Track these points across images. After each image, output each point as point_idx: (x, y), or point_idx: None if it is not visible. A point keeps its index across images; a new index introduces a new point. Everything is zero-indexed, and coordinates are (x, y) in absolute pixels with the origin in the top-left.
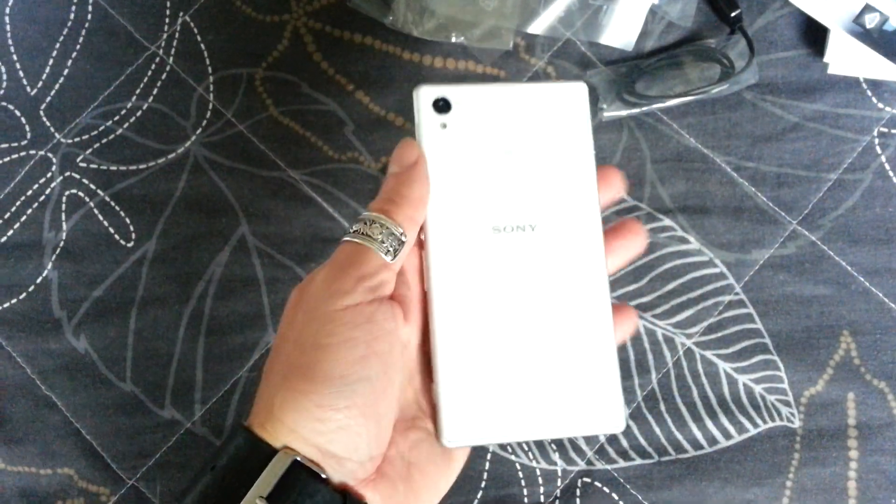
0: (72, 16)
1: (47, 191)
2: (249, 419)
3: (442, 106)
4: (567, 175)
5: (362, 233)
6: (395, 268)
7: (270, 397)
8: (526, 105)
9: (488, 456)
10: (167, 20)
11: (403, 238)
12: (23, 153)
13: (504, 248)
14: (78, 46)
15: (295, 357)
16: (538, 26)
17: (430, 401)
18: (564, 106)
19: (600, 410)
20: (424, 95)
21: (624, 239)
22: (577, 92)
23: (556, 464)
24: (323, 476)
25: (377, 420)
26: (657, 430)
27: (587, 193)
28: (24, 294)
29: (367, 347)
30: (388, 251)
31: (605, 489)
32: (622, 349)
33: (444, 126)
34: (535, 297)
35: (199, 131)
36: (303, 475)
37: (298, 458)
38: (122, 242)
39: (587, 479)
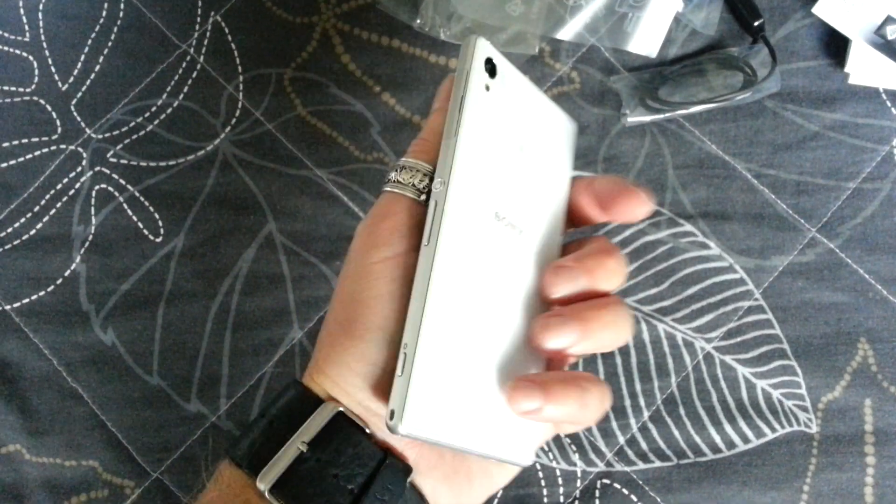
0: (104, 13)
1: (77, 185)
2: (305, 373)
3: (491, 68)
4: (551, 194)
5: (395, 180)
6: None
7: (318, 352)
8: (542, 114)
9: None
10: (199, 19)
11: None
12: (53, 147)
13: (497, 238)
14: (110, 43)
15: (339, 312)
16: (564, 32)
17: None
18: (563, 133)
19: (521, 438)
20: (481, 48)
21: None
22: (572, 127)
23: (575, 465)
24: (367, 430)
25: None
26: (676, 433)
27: (559, 217)
28: (52, 287)
29: (404, 300)
30: (422, 192)
31: (624, 490)
32: (642, 351)
33: (487, 89)
34: (508, 300)
35: (228, 129)
36: (346, 426)
37: (342, 410)
38: (151, 237)
39: (606, 481)
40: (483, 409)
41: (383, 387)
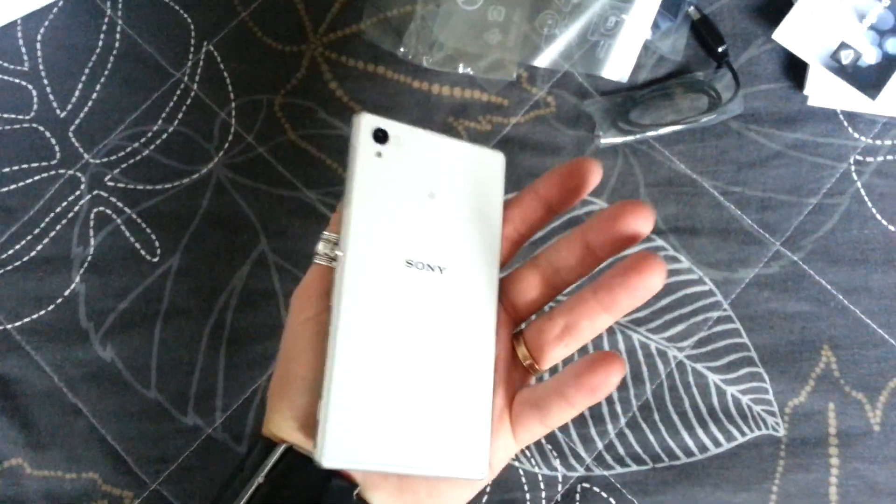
0: (100, 43)
1: (76, 208)
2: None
3: (380, 136)
4: (477, 229)
5: (323, 253)
6: None
7: (268, 404)
8: (454, 157)
9: None
10: (192, 49)
11: None
12: (52, 172)
13: (412, 282)
14: (106, 72)
15: (277, 368)
16: (540, 59)
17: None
18: (484, 168)
19: (465, 455)
20: (365, 122)
21: (641, 279)
22: (495, 159)
23: (556, 470)
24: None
25: None
26: (651, 438)
27: (491, 251)
28: (52, 306)
29: (322, 352)
30: (333, 260)
31: (603, 494)
32: None
33: (379, 155)
34: (430, 335)
35: (221, 153)
36: (295, 458)
37: (290, 445)
38: (148, 257)
39: (586, 485)
40: (413, 432)
41: (310, 427)
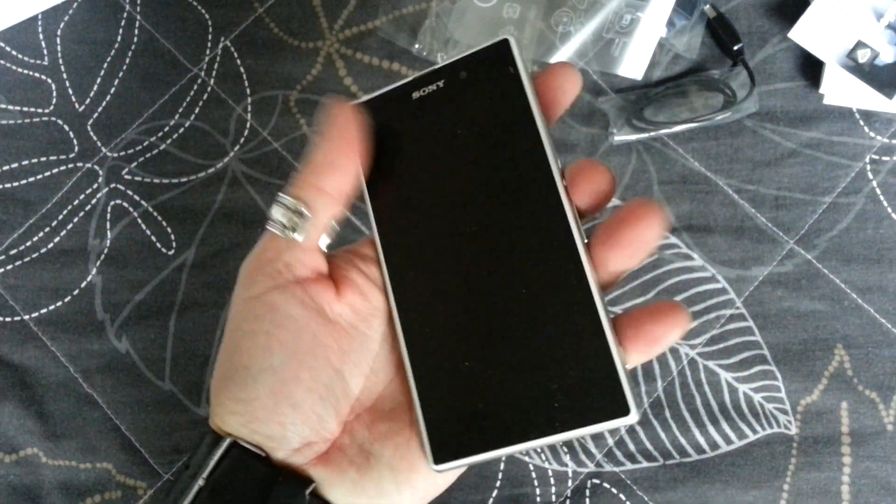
0: (119, 38)
1: (93, 201)
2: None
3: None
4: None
5: (270, 218)
6: (308, 244)
7: (211, 392)
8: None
9: (503, 457)
10: (209, 44)
11: (303, 210)
12: (70, 165)
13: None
14: (125, 67)
15: (221, 352)
16: (554, 57)
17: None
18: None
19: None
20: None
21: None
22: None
23: (566, 465)
24: (262, 455)
25: (294, 408)
26: (662, 435)
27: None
28: (69, 297)
29: (267, 337)
30: (287, 229)
31: (613, 490)
32: None
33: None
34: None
35: (237, 148)
36: (240, 455)
37: (235, 440)
38: (164, 250)
39: (596, 481)
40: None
41: (260, 417)
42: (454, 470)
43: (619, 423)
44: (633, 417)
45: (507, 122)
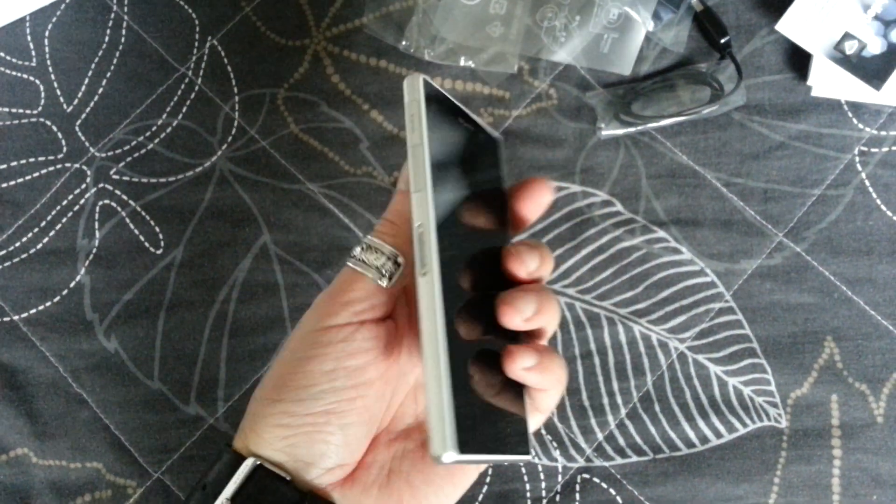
0: (106, 38)
1: (81, 201)
2: (236, 434)
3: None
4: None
5: (359, 259)
6: (394, 290)
7: (249, 410)
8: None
9: None
10: (196, 43)
11: (400, 261)
12: (59, 166)
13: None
14: (112, 67)
15: (275, 372)
16: (541, 52)
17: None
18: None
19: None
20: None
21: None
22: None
23: (556, 460)
24: (287, 478)
25: (342, 429)
26: (652, 429)
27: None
28: (57, 297)
29: (336, 362)
30: (383, 276)
31: (603, 485)
32: (619, 351)
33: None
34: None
35: (224, 147)
36: (265, 477)
37: (260, 462)
38: (152, 249)
39: (586, 476)
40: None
41: (309, 433)
42: (463, 476)
43: (521, 459)
44: (530, 457)
45: (492, 182)
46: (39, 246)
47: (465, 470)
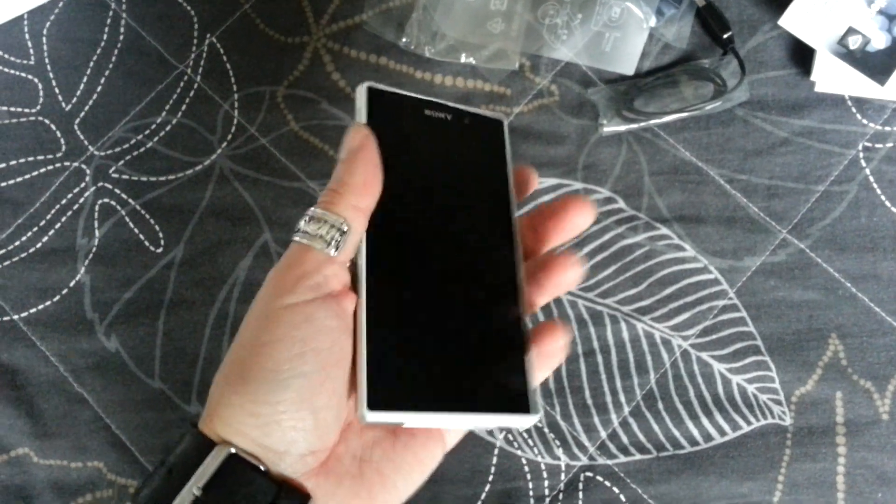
0: (105, 36)
1: (81, 200)
2: (201, 418)
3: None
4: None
5: (304, 231)
6: (343, 259)
7: (212, 396)
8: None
9: (495, 451)
10: (195, 41)
11: (345, 228)
12: (58, 164)
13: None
14: (111, 65)
15: (236, 355)
16: (543, 49)
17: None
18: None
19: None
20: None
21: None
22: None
23: (559, 458)
24: (261, 468)
25: (314, 414)
26: (655, 427)
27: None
28: (57, 297)
29: (303, 345)
30: (329, 244)
31: (607, 483)
32: (622, 349)
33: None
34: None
35: (224, 145)
36: (239, 466)
37: (234, 451)
38: (152, 248)
39: (589, 474)
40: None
41: (281, 421)
42: (426, 454)
43: (522, 419)
44: (532, 418)
45: (487, 164)
46: (39, 245)
47: (426, 447)
